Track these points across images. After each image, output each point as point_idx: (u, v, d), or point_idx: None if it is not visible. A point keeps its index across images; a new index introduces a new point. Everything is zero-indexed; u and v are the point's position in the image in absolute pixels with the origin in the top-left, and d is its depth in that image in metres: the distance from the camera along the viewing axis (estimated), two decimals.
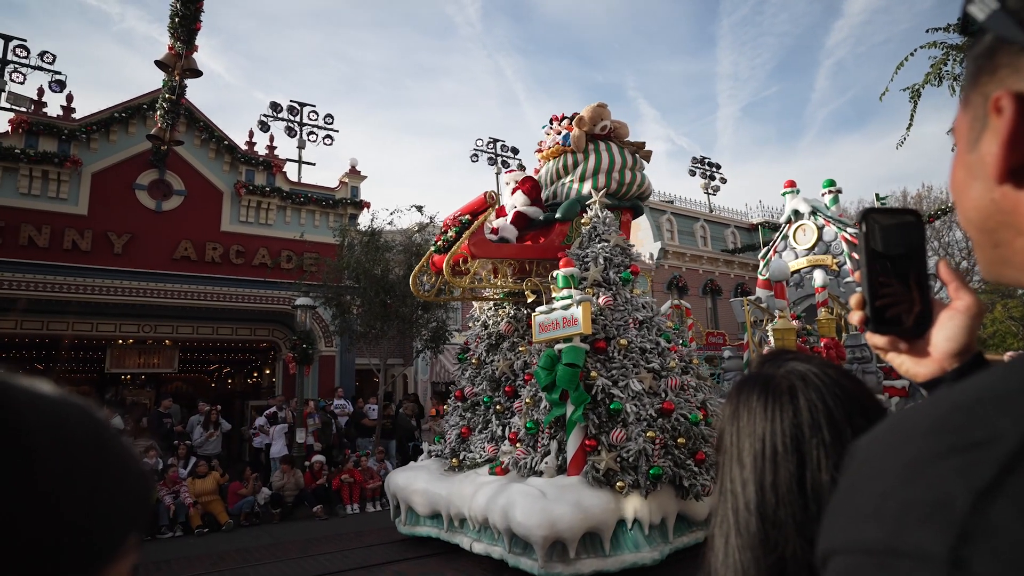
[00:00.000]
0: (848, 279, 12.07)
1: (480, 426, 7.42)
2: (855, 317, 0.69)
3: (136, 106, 13.14)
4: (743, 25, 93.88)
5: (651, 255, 24.12)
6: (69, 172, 12.26)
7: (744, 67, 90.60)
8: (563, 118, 8.21)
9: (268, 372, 17.35)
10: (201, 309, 13.47)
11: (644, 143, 8.32)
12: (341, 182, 15.69)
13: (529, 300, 7.37)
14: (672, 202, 26.22)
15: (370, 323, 11.88)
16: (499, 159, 25.57)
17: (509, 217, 7.85)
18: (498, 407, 7.27)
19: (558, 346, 6.01)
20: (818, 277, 10.84)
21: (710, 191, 28.03)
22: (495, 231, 7.65)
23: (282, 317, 14.30)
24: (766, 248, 15.24)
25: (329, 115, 17.57)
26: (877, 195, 13.48)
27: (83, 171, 12.48)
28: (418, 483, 6.99)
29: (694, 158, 28.80)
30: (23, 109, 12.35)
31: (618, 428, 5.75)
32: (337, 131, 17.69)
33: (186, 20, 8.49)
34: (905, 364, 0.69)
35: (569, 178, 7.96)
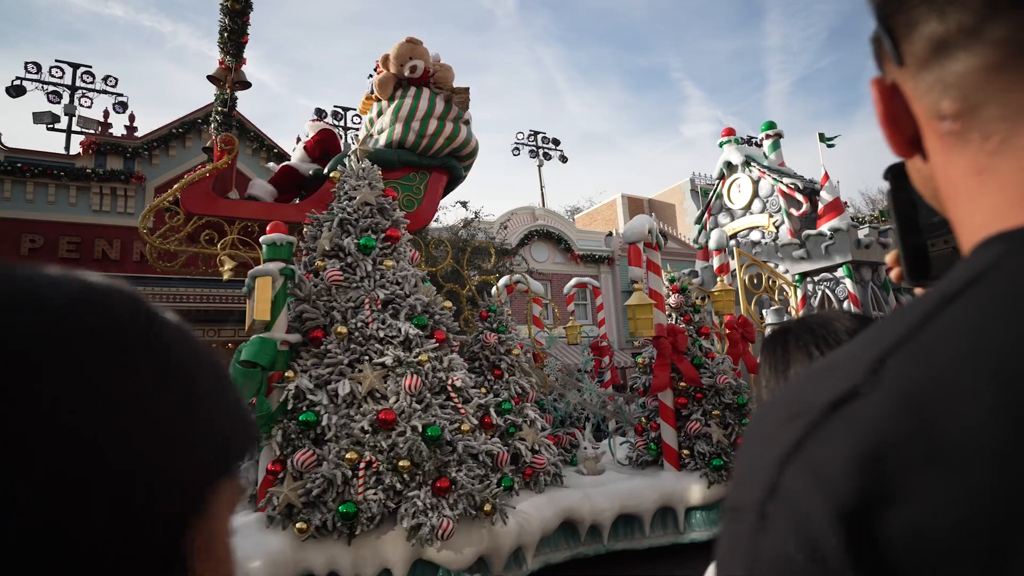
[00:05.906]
0: (786, 241, 10.12)
1: None
2: (894, 273, 0.65)
3: (191, 121, 13.82)
4: None
5: (694, 241, 23.64)
6: (135, 188, 13.02)
7: (795, 38, 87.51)
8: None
9: None
10: None
11: (467, 88, 6.64)
12: None
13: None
14: None
15: None
16: (540, 151, 25.57)
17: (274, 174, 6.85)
18: None
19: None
20: (713, 238, 9.06)
21: None
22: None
23: None
24: (700, 211, 13.23)
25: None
26: (822, 135, 10.93)
27: (147, 186, 13.24)
28: None
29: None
30: (92, 131, 13.19)
31: (306, 448, 4.25)
32: None
33: (234, 35, 8.85)
34: None
35: (375, 130, 6.61)
